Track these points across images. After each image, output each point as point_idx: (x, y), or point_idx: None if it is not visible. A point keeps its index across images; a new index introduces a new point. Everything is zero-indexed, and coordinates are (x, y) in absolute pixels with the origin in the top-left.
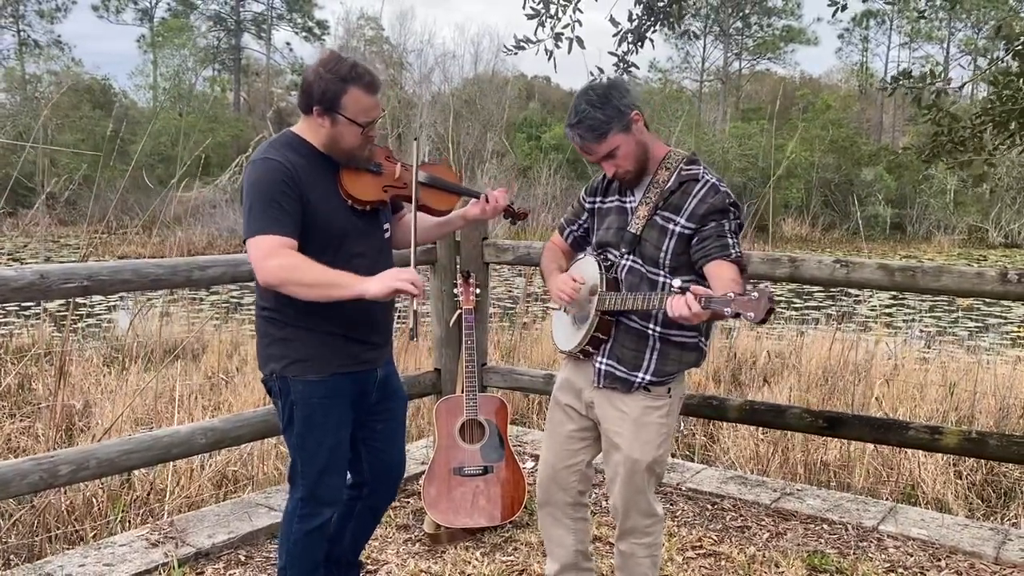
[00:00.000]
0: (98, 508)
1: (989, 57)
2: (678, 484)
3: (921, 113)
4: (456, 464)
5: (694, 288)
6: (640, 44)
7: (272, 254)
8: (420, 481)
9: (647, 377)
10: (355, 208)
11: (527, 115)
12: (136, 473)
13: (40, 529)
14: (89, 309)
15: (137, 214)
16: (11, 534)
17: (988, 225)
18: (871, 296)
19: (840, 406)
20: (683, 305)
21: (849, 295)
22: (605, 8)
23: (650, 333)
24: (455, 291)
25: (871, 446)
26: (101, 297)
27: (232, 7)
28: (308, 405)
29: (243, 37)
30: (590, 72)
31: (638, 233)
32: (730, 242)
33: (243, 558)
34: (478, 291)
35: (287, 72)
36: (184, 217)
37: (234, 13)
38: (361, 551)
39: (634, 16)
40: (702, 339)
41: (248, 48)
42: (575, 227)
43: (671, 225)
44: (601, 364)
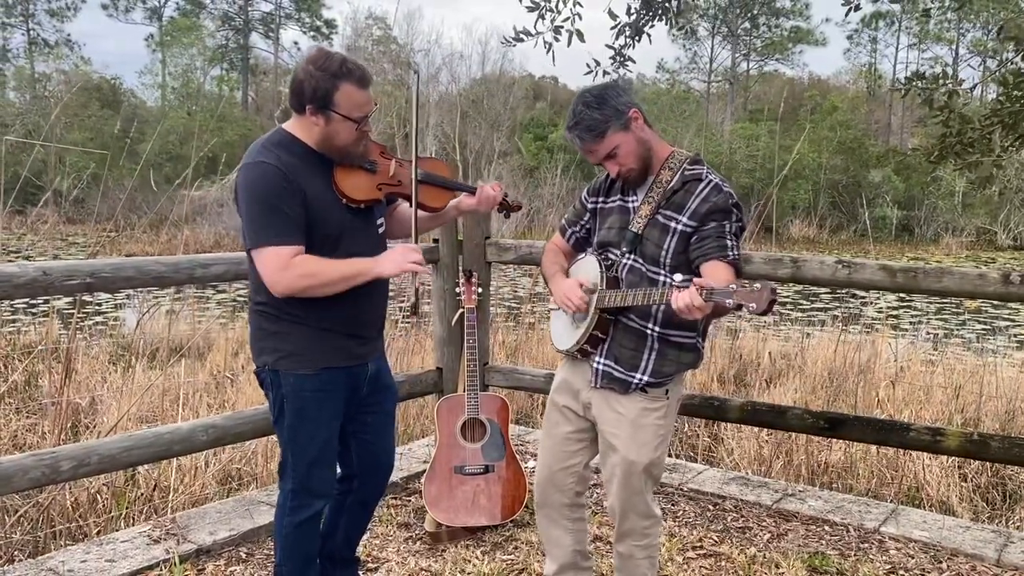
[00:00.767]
0: (102, 504)
1: (999, 59)
2: (680, 484)
3: (932, 114)
4: (457, 463)
5: (697, 280)
6: (638, 38)
7: (286, 267)
8: (421, 479)
9: (644, 378)
10: (349, 206)
11: (534, 115)
12: (140, 470)
13: (44, 525)
14: (96, 307)
15: (145, 212)
16: (15, 530)
17: (997, 227)
18: (878, 298)
19: (845, 408)
20: (687, 297)
21: (856, 297)
22: (605, 3)
23: (649, 333)
24: (457, 290)
25: (875, 449)
26: (108, 295)
27: (240, 6)
28: (300, 398)
29: (251, 36)
30: (587, 64)
31: (639, 232)
32: (729, 243)
33: (244, 555)
34: (480, 290)
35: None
36: (191, 216)
37: (242, 12)
38: (356, 546)
39: (632, 10)
40: (700, 340)
41: (256, 47)
42: (577, 228)
43: (673, 223)
44: (599, 364)
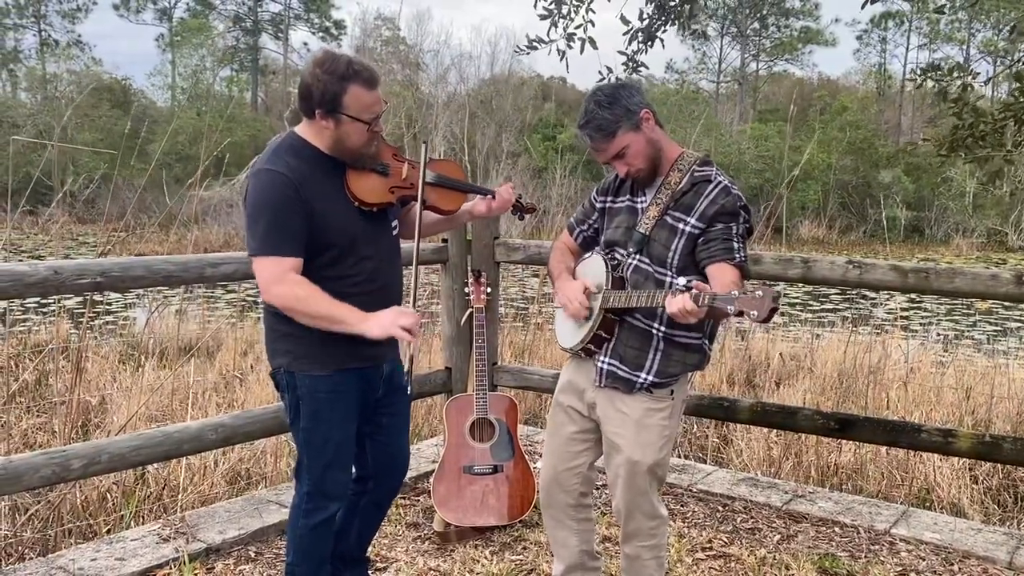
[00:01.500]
0: (112, 503)
1: (1011, 58)
2: (689, 485)
3: (947, 107)
4: (466, 463)
5: (697, 284)
6: (651, 43)
7: (280, 279)
8: (430, 479)
9: (649, 378)
10: (362, 210)
11: (543, 116)
12: (150, 469)
13: (54, 523)
14: (107, 307)
15: (155, 212)
16: (26, 528)
17: (1008, 228)
18: (888, 299)
19: (855, 409)
20: (680, 302)
21: (866, 298)
22: (617, 8)
23: (654, 332)
24: (466, 290)
25: (884, 450)
26: (118, 295)
27: (250, 7)
28: (315, 400)
29: (261, 37)
30: (599, 71)
31: (647, 233)
32: (735, 246)
33: (253, 554)
34: (489, 290)
35: None
36: (201, 215)
37: (252, 13)
38: (368, 546)
39: (645, 15)
40: (705, 341)
41: (266, 48)
42: (585, 227)
43: (681, 225)
44: (603, 363)
